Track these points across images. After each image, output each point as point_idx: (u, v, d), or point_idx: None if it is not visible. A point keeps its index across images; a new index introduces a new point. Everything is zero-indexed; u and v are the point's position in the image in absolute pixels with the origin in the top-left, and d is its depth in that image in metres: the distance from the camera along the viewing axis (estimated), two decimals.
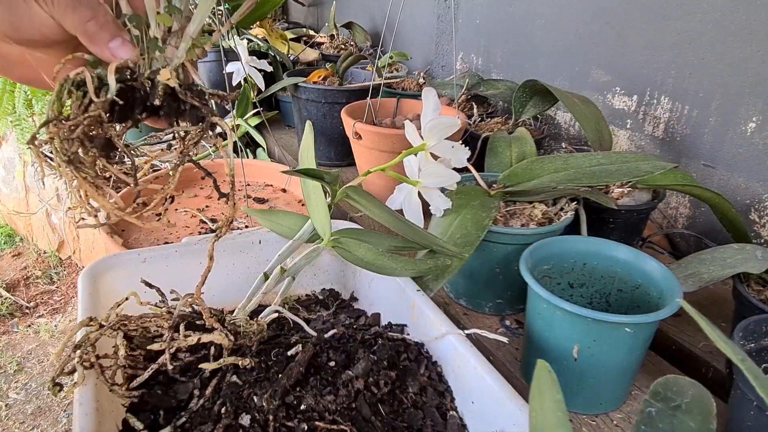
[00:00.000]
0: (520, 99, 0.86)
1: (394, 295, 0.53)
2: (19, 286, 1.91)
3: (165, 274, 0.56)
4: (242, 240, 0.60)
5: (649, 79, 0.85)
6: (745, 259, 0.53)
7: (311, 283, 0.63)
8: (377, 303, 0.58)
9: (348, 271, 0.61)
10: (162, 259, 0.57)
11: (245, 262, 0.60)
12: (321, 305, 0.60)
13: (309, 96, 0.99)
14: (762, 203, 0.73)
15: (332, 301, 0.61)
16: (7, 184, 2.15)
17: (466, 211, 0.57)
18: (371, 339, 0.51)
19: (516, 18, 1.10)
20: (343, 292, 0.63)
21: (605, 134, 0.75)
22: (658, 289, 0.51)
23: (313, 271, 0.62)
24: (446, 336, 0.46)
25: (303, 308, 0.59)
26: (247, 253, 0.60)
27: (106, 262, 0.55)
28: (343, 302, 0.61)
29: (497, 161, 0.78)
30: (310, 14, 2.08)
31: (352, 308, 0.60)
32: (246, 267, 0.60)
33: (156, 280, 0.55)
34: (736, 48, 0.72)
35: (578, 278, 0.57)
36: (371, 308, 0.58)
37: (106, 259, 0.55)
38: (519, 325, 0.63)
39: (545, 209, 0.62)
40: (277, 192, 0.88)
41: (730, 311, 0.58)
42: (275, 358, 0.47)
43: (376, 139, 0.77)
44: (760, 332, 0.47)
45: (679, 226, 0.84)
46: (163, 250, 0.57)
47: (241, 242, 0.60)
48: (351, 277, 0.62)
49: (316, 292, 0.63)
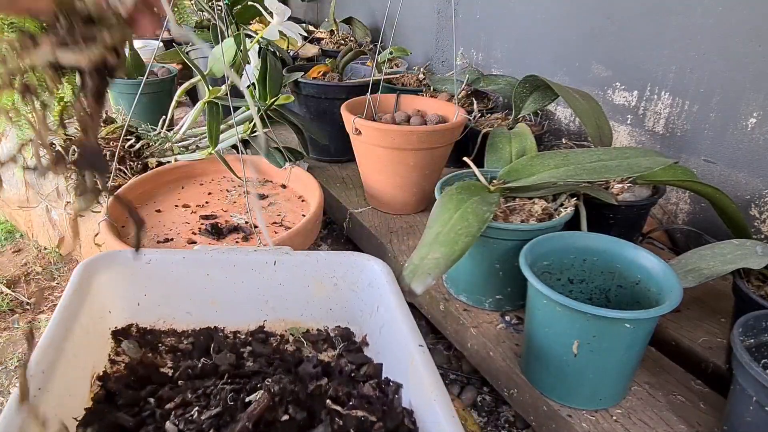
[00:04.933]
0: (520, 94, 0.86)
1: (397, 346, 0.46)
2: (19, 282, 1.91)
3: (167, 281, 0.53)
4: (256, 258, 0.54)
5: (649, 74, 0.84)
6: (744, 255, 0.53)
7: (325, 317, 0.57)
8: (384, 352, 0.51)
9: (366, 310, 0.54)
10: (167, 264, 0.53)
11: (255, 283, 0.55)
12: (329, 344, 0.55)
13: (309, 92, 0.99)
14: (762, 199, 0.73)
15: (340, 341, 0.55)
16: (7, 180, 2.14)
17: (466, 205, 0.57)
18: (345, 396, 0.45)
19: (516, 13, 1.09)
20: (357, 333, 0.56)
21: (605, 130, 0.75)
22: (658, 285, 0.51)
23: (329, 305, 0.56)
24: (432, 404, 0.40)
25: (309, 343, 0.55)
26: (260, 273, 0.54)
27: (107, 258, 0.52)
28: (353, 344, 0.55)
29: (497, 157, 0.78)
30: (310, 9, 2.08)
31: (360, 353, 0.53)
32: (256, 287, 0.55)
33: (157, 286, 0.53)
34: (736, 43, 0.72)
35: (578, 274, 0.57)
36: (378, 357, 0.52)
37: (108, 255, 0.52)
38: (519, 320, 0.63)
39: (545, 205, 0.62)
40: (277, 188, 0.88)
41: (729, 307, 0.58)
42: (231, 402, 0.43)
43: (375, 134, 0.77)
44: (760, 328, 0.47)
45: (679, 222, 0.84)
46: (170, 254, 0.54)
47: (254, 260, 0.54)
48: (367, 318, 0.54)
49: (329, 329, 0.56)
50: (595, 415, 0.51)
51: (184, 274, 0.53)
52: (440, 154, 0.80)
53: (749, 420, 0.43)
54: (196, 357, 0.50)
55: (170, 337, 0.54)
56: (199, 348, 0.52)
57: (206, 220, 0.76)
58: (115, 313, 0.53)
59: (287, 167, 0.86)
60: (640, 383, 0.55)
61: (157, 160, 0.87)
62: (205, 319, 0.55)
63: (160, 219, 0.77)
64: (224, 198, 0.84)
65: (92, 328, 0.48)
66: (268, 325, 0.56)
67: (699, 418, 0.51)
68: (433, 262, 0.52)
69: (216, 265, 0.54)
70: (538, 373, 0.53)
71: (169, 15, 0.33)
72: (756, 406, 0.41)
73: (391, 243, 0.77)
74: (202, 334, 0.54)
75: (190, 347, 0.52)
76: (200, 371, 0.48)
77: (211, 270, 0.54)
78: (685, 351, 0.60)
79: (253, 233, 0.74)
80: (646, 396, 0.53)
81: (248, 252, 0.55)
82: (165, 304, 0.54)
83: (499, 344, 0.59)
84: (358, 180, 0.91)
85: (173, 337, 0.54)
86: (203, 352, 0.51)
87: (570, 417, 0.51)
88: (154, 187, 0.83)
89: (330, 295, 0.56)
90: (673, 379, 0.56)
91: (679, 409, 0.52)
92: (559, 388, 0.52)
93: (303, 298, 0.56)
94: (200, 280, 0.54)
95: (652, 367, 0.57)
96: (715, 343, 0.60)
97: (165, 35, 1.50)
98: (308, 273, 0.55)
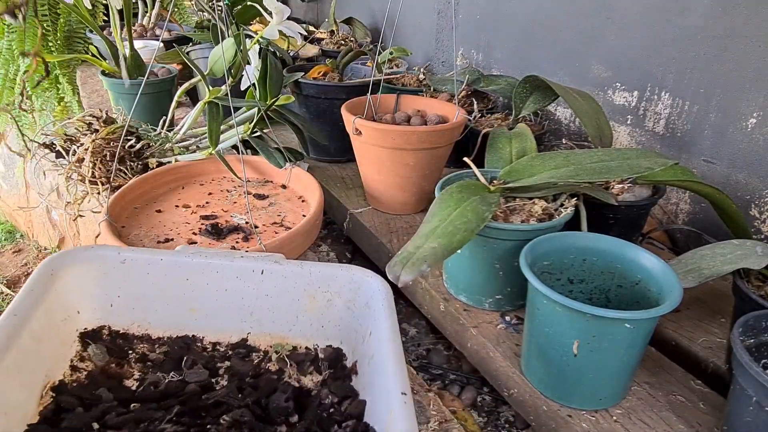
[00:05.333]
0: (520, 95, 0.86)
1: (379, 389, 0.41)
2: (19, 283, 1.91)
3: (143, 283, 0.49)
4: (241, 265, 0.50)
5: (649, 74, 0.84)
6: (745, 255, 0.53)
7: (316, 334, 0.52)
8: (370, 388, 0.44)
9: (360, 332, 0.49)
10: (144, 264, 0.49)
11: (240, 292, 0.50)
12: (315, 367, 0.49)
13: (309, 92, 0.99)
14: (762, 199, 0.73)
15: (327, 365, 0.49)
16: (7, 180, 2.15)
17: (466, 204, 0.57)
18: None
19: (516, 13, 1.09)
20: (349, 357, 0.50)
21: (606, 130, 0.75)
22: (658, 285, 0.51)
23: (321, 321, 0.51)
24: None
25: (294, 364, 0.49)
26: (245, 282, 0.50)
27: (77, 253, 0.47)
28: (342, 371, 0.49)
29: (497, 157, 0.78)
30: (310, 10, 2.08)
31: (347, 382, 0.47)
32: (240, 297, 0.50)
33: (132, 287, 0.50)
34: (736, 43, 0.72)
35: (578, 274, 0.57)
36: (364, 391, 0.45)
37: (78, 251, 0.48)
38: (519, 320, 0.63)
39: (545, 205, 0.62)
40: (277, 188, 0.88)
41: (729, 307, 0.58)
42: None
43: (376, 135, 0.77)
44: (760, 328, 0.47)
45: (679, 222, 0.84)
46: (148, 254, 0.49)
47: (239, 267, 0.50)
48: (360, 342, 0.48)
49: (319, 348, 0.51)
50: (595, 415, 0.51)
51: (162, 277, 0.49)
52: (440, 155, 0.80)
53: (749, 420, 0.43)
54: (167, 369, 0.47)
55: (143, 344, 0.50)
56: (172, 359, 0.48)
57: (206, 221, 0.76)
58: (84, 313, 0.49)
59: (287, 167, 0.86)
60: (640, 383, 0.55)
61: (158, 160, 0.87)
62: (184, 326, 0.51)
63: (160, 219, 0.77)
64: (224, 198, 0.84)
65: (48, 334, 0.45)
66: (252, 338, 0.52)
67: (699, 418, 0.51)
68: (429, 251, 0.51)
69: (197, 270, 0.50)
70: (538, 373, 0.53)
71: None
72: (756, 406, 0.41)
73: (391, 243, 0.77)
74: (177, 344, 0.50)
75: (162, 357, 0.49)
76: (164, 389, 0.44)
77: (192, 275, 0.50)
78: (685, 351, 0.60)
79: (254, 233, 0.74)
80: (646, 396, 0.53)
81: (233, 258, 0.50)
82: (140, 307, 0.51)
83: (499, 344, 0.59)
84: (358, 180, 0.91)
85: (147, 343, 0.50)
86: (175, 365, 0.47)
87: (570, 417, 0.51)
88: (154, 187, 0.83)
89: (323, 311, 0.51)
90: (673, 379, 0.56)
91: (679, 409, 0.52)
92: (559, 388, 0.52)
93: (292, 312, 0.51)
94: (179, 284, 0.50)
95: (652, 367, 0.57)
96: (715, 343, 0.60)
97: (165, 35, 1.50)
98: (299, 285, 0.50)
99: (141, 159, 0.87)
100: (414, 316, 0.79)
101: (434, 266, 0.52)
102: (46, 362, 0.44)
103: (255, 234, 0.73)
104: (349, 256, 0.92)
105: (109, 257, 0.48)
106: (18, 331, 0.41)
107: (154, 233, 0.73)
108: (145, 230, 0.73)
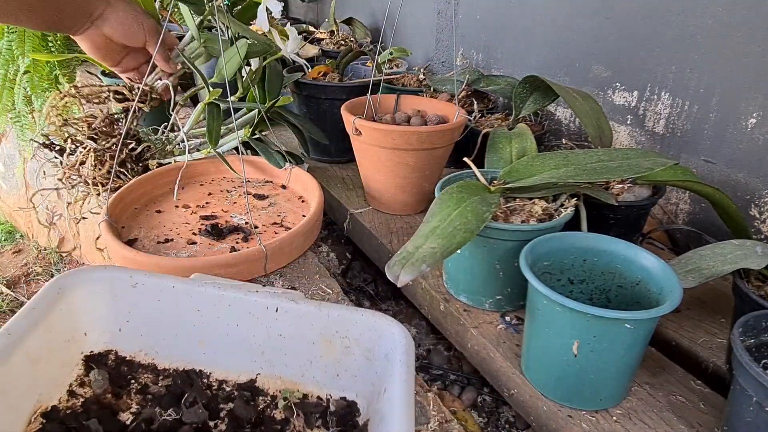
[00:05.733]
0: (520, 95, 0.86)
1: None
2: (19, 283, 1.91)
3: (153, 310, 0.47)
4: (255, 300, 0.47)
5: (649, 74, 0.84)
6: (745, 255, 0.53)
7: (331, 383, 0.48)
8: None
9: (378, 384, 0.45)
10: (155, 290, 0.47)
11: (252, 329, 0.47)
12: (323, 421, 0.45)
13: (309, 92, 0.99)
14: (762, 199, 0.73)
15: (336, 420, 0.45)
16: (7, 180, 2.14)
17: (466, 204, 0.57)
18: None
19: (516, 13, 1.09)
20: (363, 412, 0.46)
21: (606, 130, 0.75)
22: (658, 285, 0.51)
23: (337, 369, 0.47)
24: None
25: (302, 414, 0.46)
26: (258, 318, 0.47)
27: (87, 273, 0.46)
28: (352, 429, 0.45)
29: (497, 157, 0.78)
30: (310, 10, 2.08)
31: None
32: (252, 334, 0.47)
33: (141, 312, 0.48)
34: (736, 43, 0.72)
35: (578, 274, 0.57)
36: None
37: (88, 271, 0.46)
38: (519, 321, 0.63)
39: (545, 205, 0.62)
40: (277, 189, 0.88)
41: (729, 307, 0.58)
42: None
43: (376, 135, 0.77)
44: (760, 328, 0.47)
45: (679, 222, 0.84)
46: (161, 280, 0.47)
47: (252, 302, 0.47)
48: (376, 397, 0.44)
49: (331, 399, 0.47)
50: (595, 415, 0.51)
51: (173, 305, 0.47)
52: (440, 155, 0.80)
53: (749, 420, 0.43)
54: (166, 405, 0.45)
55: (148, 373, 0.48)
56: (173, 394, 0.46)
57: (206, 221, 0.76)
58: (92, 335, 0.48)
59: (287, 167, 0.86)
60: (640, 383, 0.55)
61: (158, 161, 0.87)
62: (191, 359, 0.49)
63: (160, 219, 0.77)
64: (224, 198, 0.84)
65: (47, 355, 0.43)
66: (261, 380, 0.48)
67: (699, 418, 0.51)
68: (429, 251, 0.51)
69: (208, 301, 0.48)
70: (538, 373, 0.53)
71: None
72: (756, 407, 0.41)
73: (391, 243, 0.77)
74: (182, 377, 0.48)
75: (163, 390, 0.47)
76: (157, 428, 0.42)
77: (203, 306, 0.47)
78: (685, 351, 0.60)
79: (254, 233, 0.74)
80: (647, 396, 0.53)
81: (247, 292, 0.47)
82: (148, 334, 0.49)
83: (500, 345, 0.59)
84: (358, 180, 0.91)
85: (151, 373, 0.48)
86: (175, 400, 0.45)
87: (570, 417, 0.51)
88: (154, 187, 0.83)
89: (339, 358, 0.47)
90: (673, 379, 0.56)
91: (679, 409, 0.52)
92: (560, 388, 0.52)
93: (306, 356, 0.48)
94: (190, 314, 0.48)
95: (652, 367, 0.57)
96: (715, 343, 0.60)
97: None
98: (316, 328, 0.47)
99: (141, 161, 0.87)
100: (414, 317, 0.79)
101: (434, 267, 0.52)
102: (40, 385, 0.42)
103: (255, 234, 0.73)
104: (350, 256, 0.92)
105: (120, 279, 0.47)
106: (8, 351, 0.39)
107: (154, 233, 0.73)
108: (145, 231, 0.73)
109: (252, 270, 0.67)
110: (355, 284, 0.87)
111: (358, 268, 0.91)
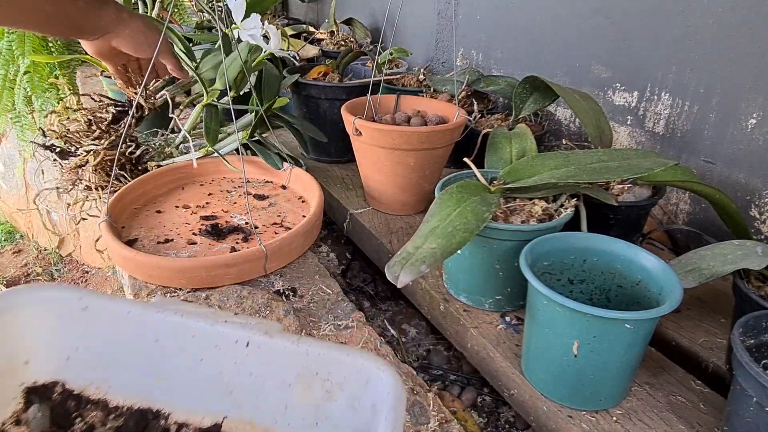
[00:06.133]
0: (520, 95, 0.86)
1: None
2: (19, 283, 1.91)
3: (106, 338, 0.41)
4: (222, 332, 0.40)
5: (649, 74, 0.84)
6: (745, 255, 0.53)
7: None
8: None
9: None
10: (108, 315, 0.41)
11: (218, 365, 0.41)
12: None
13: (309, 92, 0.99)
14: (762, 199, 0.73)
15: None
16: (7, 180, 2.15)
17: (466, 204, 0.57)
18: None
19: (516, 14, 1.09)
20: None
21: (606, 130, 0.75)
22: (658, 286, 0.51)
23: (316, 417, 0.40)
24: None
25: None
26: (225, 353, 0.41)
27: (31, 293, 0.40)
28: None
29: (497, 157, 0.78)
30: (310, 10, 2.08)
31: None
32: (218, 371, 0.41)
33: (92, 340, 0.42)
34: (736, 43, 0.72)
35: (578, 274, 0.57)
36: None
37: (32, 290, 0.41)
38: (519, 321, 0.63)
39: (545, 205, 0.62)
40: (277, 189, 0.88)
41: (730, 307, 0.58)
42: None
43: (376, 135, 0.77)
44: (760, 328, 0.47)
45: (679, 222, 0.84)
46: (113, 303, 0.41)
47: (219, 334, 0.40)
48: None
49: None
50: (595, 415, 0.51)
51: (128, 334, 0.41)
52: (440, 155, 0.80)
53: (749, 420, 0.43)
54: None
55: (97, 411, 0.42)
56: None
57: (206, 221, 0.76)
58: (35, 365, 0.41)
59: (287, 167, 0.86)
60: (640, 383, 0.55)
61: (157, 163, 0.87)
62: (148, 396, 0.42)
63: (160, 220, 0.77)
64: (224, 198, 0.84)
65: None
66: (227, 424, 0.42)
67: (699, 418, 0.51)
68: (428, 251, 0.51)
69: (168, 331, 0.41)
70: (538, 373, 0.53)
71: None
72: (756, 407, 0.41)
73: (391, 243, 0.77)
74: (135, 418, 0.42)
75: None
76: None
77: (162, 336, 0.41)
78: (685, 351, 0.60)
79: (254, 234, 0.74)
80: (647, 396, 0.53)
81: (214, 322, 0.41)
82: (101, 366, 0.42)
83: (499, 345, 0.59)
84: (358, 180, 0.91)
85: (101, 411, 0.42)
86: None
87: (570, 418, 0.51)
88: (154, 187, 0.83)
89: (319, 404, 0.40)
90: (673, 379, 0.56)
91: (679, 409, 0.52)
92: (560, 388, 0.52)
93: (281, 400, 0.41)
94: (147, 345, 0.41)
95: (652, 367, 0.57)
96: (715, 343, 0.60)
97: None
98: (293, 367, 0.40)
99: (141, 163, 0.87)
100: (414, 317, 0.79)
101: (433, 267, 0.52)
102: None
103: (255, 234, 0.73)
104: (349, 256, 0.92)
105: (67, 301, 0.41)
106: None
107: (154, 234, 0.73)
108: (145, 231, 0.73)
109: (252, 270, 0.67)
110: (354, 284, 0.87)
111: (357, 268, 0.91)
